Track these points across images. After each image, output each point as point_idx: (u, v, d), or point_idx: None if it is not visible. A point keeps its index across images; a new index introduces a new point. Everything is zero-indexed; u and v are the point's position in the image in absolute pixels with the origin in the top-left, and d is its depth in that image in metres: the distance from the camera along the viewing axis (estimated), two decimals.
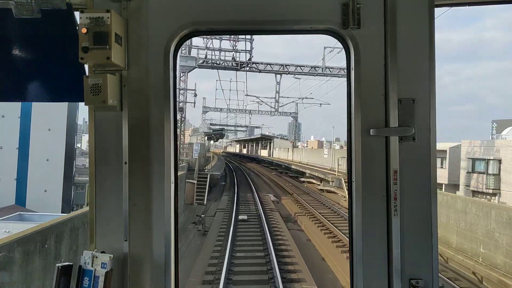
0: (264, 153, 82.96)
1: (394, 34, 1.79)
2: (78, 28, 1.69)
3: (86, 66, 1.83)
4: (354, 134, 1.83)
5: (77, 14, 1.76)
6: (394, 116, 1.78)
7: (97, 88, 1.72)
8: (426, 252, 1.78)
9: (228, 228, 18.29)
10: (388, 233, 1.80)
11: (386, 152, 1.81)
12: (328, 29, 1.87)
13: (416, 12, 1.79)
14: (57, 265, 1.76)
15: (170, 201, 1.88)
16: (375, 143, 1.82)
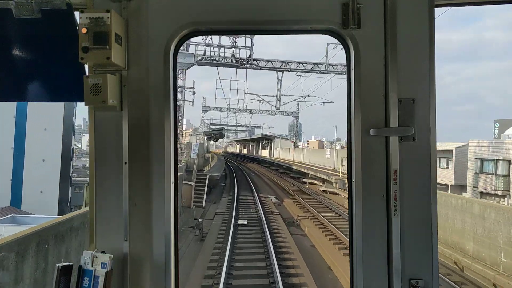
0: (264, 153, 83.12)
1: (394, 34, 1.83)
2: (78, 28, 1.73)
3: (86, 66, 1.87)
4: (354, 134, 1.87)
5: (77, 14, 1.79)
6: (394, 116, 1.82)
7: (97, 88, 1.76)
8: (426, 252, 1.82)
9: (227, 233, 17.69)
10: (388, 233, 1.84)
11: (386, 152, 1.85)
12: (328, 29, 1.91)
13: (416, 12, 1.83)
14: (57, 265, 1.80)
15: (170, 201, 1.93)
16: (375, 143, 1.86)
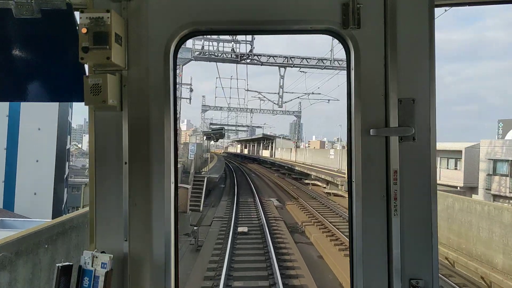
0: (265, 153, 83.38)
1: (394, 34, 1.90)
2: (78, 28, 1.80)
3: (86, 66, 1.94)
4: (354, 134, 1.93)
5: (77, 14, 1.86)
6: (394, 116, 1.89)
7: (97, 88, 1.83)
8: (426, 252, 1.89)
9: (225, 242, 16.59)
10: (388, 233, 1.91)
11: (386, 152, 1.92)
12: (328, 29, 1.98)
13: (416, 12, 1.90)
14: (57, 265, 1.87)
15: (170, 201, 2.00)
16: (375, 143, 1.93)
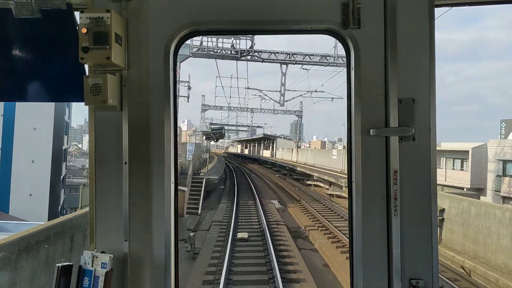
0: (266, 153, 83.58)
1: (394, 34, 1.95)
2: (78, 28, 1.85)
3: (86, 66, 1.99)
4: (354, 134, 1.99)
5: (77, 14, 1.92)
6: (394, 116, 1.94)
7: (97, 88, 1.88)
8: (426, 252, 1.94)
9: (223, 249, 15.82)
10: (388, 233, 1.96)
11: (386, 152, 1.97)
12: (328, 29, 2.03)
13: (416, 12, 1.95)
14: (57, 265, 1.92)
15: (170, 201, 2.05)
16: (375, 143, 1.98)
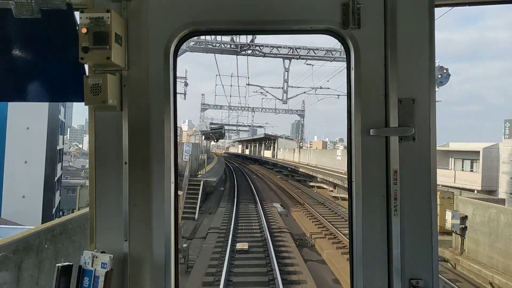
0: (267, 154, 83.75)
1: (394, 34, 2.03)
2: (78, 28, 1.93)
3: (86, 66, 2.08)
4: (354, 134, 2.06)
5: (77, 14, 2.00)
6: (394, 116, 2.02)
7: (97, 88, 1.96)
8: (426, 252, 2.02)
9: (221, 262, 14.70)
10: (388, 233, 2.03)
11: (386, 152, 2.04)
12: (328, 29, 2.11)
13: (416, 12, 2.03)
14: (57, 265, 2.00)
15: (170, 201, 2.13)
16: (375, 143, 2.05)
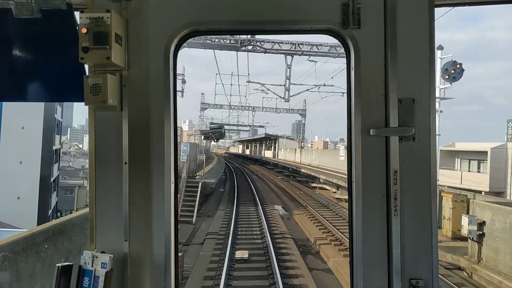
0: (268, 154, 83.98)
1: (394, 34, 2.08)
2: (78, 28, 1.99)
3: (86, 66, 2.13)
4: (354, 134, 2.12)
5: (77, 14, 2.05)
6: (394, 116, 2.07)
7: (97, 88, 2.02)
8: (426, 252, 2.07)
9: (218, 275, 13.74)
10: (388, 233, 2.09)
11: (386, 152, 2.10)
12: (328, 29, 2.17)
13: (416, 12, 2.08)
14: (57, 265, 2.05)
15: (170, 201, 2.18)
16: (375, 143, 2.11)
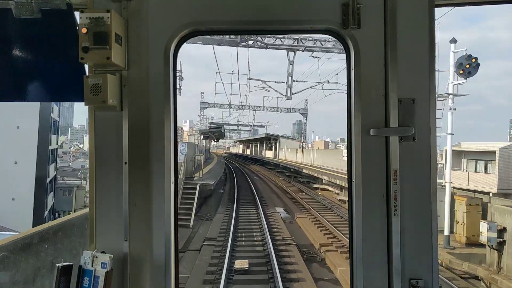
0: (269, 154, 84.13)
1: (394, 34, 2.13)
2: (78, 28, 2.04)
3: (86, 66, 2.19)
4: (354, 134, 2.17)
5: (77, 14, 2.11)
6: (394, 116, 2.13)
7: (97, 88, 2.07)
8: (426, 252, 2.13)
9: (215, 285, 13.14)
10: (388, 233, 2.14)
11: (386, 152, 2.15)
12: (328, 29, 2.22)
13: (416, 12, 2.14)
14: (57, 265, 2.11)
15: (170, 201, 2.24)
16: (375, 143, 2.16)
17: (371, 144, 2.17)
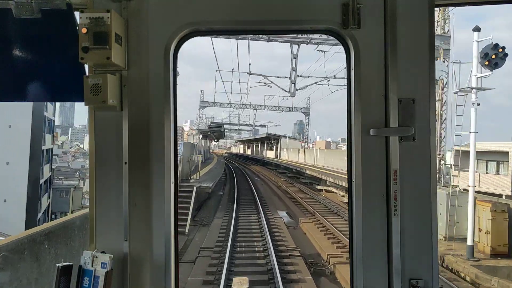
0: (270, 154, 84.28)
1: (394, 34, 2.21)
2: (78, 28, 2.12)
3: (86, 66, 2.27)
4: (354, 134, 2.26)
5: (77, 14, 2.19)
6: (394, 116, 2.21)
7: (97, 88, 2.15)
8: (426, 252, 2.21)
9: None
10: (388, 233, 2.22)
11: (386, 152, 2.23)
12: (328, 29, 2.30)
13: (416, 12, 2.22)
14: (57, 265, 2.18)
15: (170, 201, 2.32)
16: (375, 143, 2.25)
17: (371, 144, 2.25)
